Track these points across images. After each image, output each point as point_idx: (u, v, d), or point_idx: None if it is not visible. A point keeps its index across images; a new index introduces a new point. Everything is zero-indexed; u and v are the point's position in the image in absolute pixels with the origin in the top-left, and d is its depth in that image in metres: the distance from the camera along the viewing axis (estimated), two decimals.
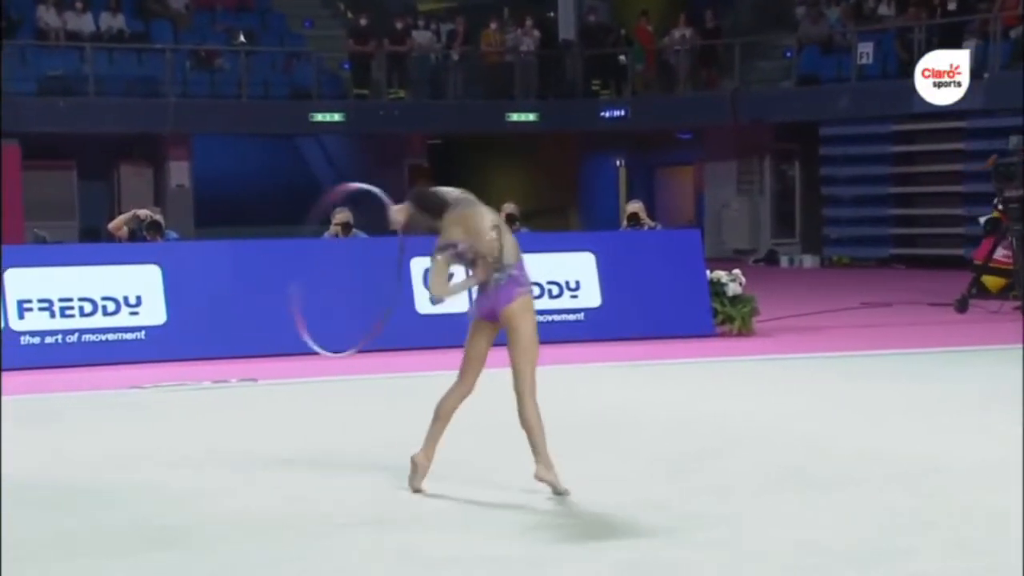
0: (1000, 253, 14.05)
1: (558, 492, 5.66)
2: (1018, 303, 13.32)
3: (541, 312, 11.45)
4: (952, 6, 20.63)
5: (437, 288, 5.75)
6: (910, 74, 20.49)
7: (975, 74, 19.96)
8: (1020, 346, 10.91)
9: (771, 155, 24.20)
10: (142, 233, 11.63)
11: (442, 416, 5.86)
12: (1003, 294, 13.84)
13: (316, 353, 6.05)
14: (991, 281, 14.20)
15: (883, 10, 22.16)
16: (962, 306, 13.56)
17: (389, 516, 5.50)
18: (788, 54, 23.50)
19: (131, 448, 7.05)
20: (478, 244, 5.66)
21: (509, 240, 5.73)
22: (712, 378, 9.63)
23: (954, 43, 20.59)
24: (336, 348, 10.63)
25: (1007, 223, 13.74)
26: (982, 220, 15.64)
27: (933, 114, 20.44)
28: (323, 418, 8.08)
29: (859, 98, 21.08)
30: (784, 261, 22.86)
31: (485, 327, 5.78)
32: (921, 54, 20.39)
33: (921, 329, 12.45)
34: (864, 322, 13.02)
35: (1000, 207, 13.86)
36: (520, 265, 5.75)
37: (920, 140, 21.17)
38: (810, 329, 12.36)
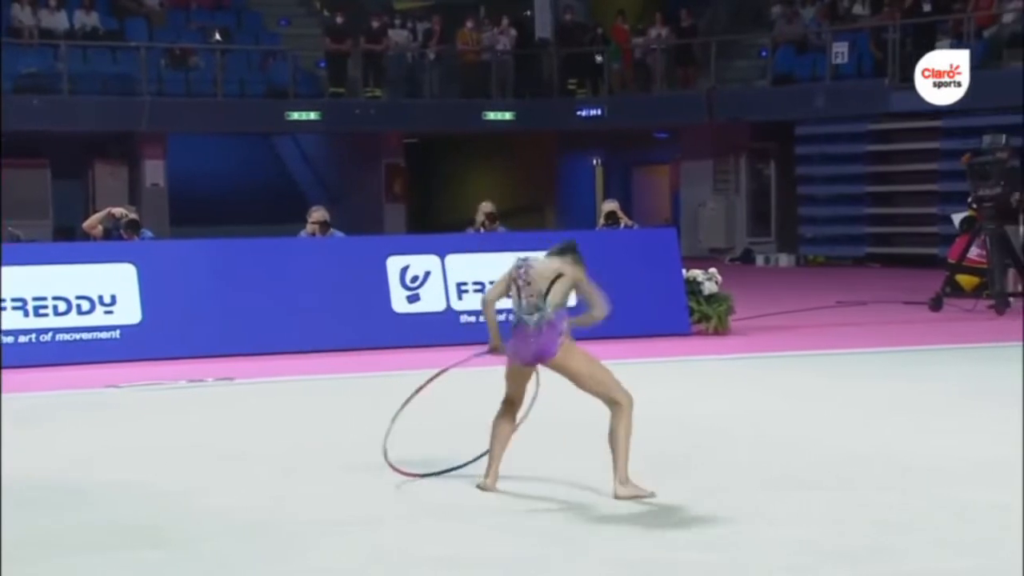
0: (974, 252, 14.13)
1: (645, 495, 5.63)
2: (991, 301, 13.40)
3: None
4: (927, 7, 20.74)
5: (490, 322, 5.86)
6: (884, 73, 20.78)
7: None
8: (996, 344, 10.99)
9: (747, 154, 24.27)
10: (117, 232, 11.57)
11: (499, 438, 5.86)
12: (977, 292, 13.92)
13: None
14: (965, 280, 14.28)
15: (858, 10, 22.26)
16: (936, 305, 13.63)
17: (373, 515, 5.49)
18: (763, 53, 23.58)
19: (109, 447, 7.01)
20: (537, 280, 5.74)
21: (560, 290, 5.78)
22: (690, 377, 9.65)
23: (928, 43, 20.73)
24: (313, 345, 10.65)
25: (981, 222, 13.83)
26: (955, 218, 15.73)
27: (908, 113, 20.55)
28: (302, 417, 8.05)
29: (834, 97, 21.17)
30: (760, 260, 22.93)
31: (525, 370, 5.83)
32: (895, 54, 20.64)
33: (896, 328, 12.51)
34: (839, 321, 13.07)
35: (975, 206, 13.94)
36: (561, 314, 5.77)
37: (895, 139, 21.28)
38: (786, 328, 12.40)
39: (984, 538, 4.98)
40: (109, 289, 10.44)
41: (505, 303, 5.91)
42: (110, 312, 10.42)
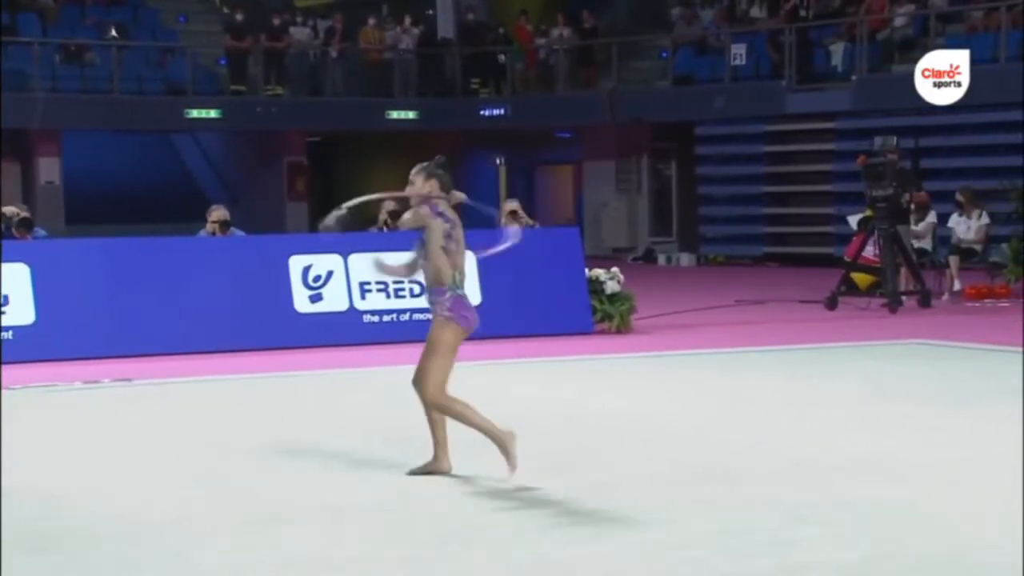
0: (869, 251, 14.44)
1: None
2: (885, 300, 13.71)
3: (421, 310, 11.50)
4: (802, 12, 21.20)
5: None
6: (782, 75, 21.15)
7: (843, 76, 20.59)
8: (889, 342, 11.26)
9: (648, 154, 24.51)
10: (11, 231, 11.33)
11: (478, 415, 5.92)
12: (871, 291, 14.22)
13: None
14: (860, 278, 14.58)
15: (755, 12, 22.62)
16: (832, 303, 13.91)
17: (275, 515, 5.44)
18: (664, 55, 23.84)
19: (3, 451, 6.84)
20: (458, 256, 6.01)
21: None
22: (592, 375, 9.72)
23: (817, 45, 21.18)
24: (214, 346, 10.52)
25: (875, 221, 14.13)
26: (851, 219, 16.07)
27: (804, 115, 20.97)
28: (201, 418, 7.95)
29: (733, 98, 21.48)
30: (662, 259, 23.19)
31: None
32: (791, 56, 21.02)
33: (793, 326, 12.73)
34: (739, 319, 13.27)
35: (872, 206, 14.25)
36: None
37: (792, 140, 21.66)
38: (687, 326, 12.56)
39: (870, 531, 5.09)
40: (2, 289, 10.20)
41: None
42: (2, 313, 10.18)
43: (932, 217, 15.51)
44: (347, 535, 5.15)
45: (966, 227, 15.31)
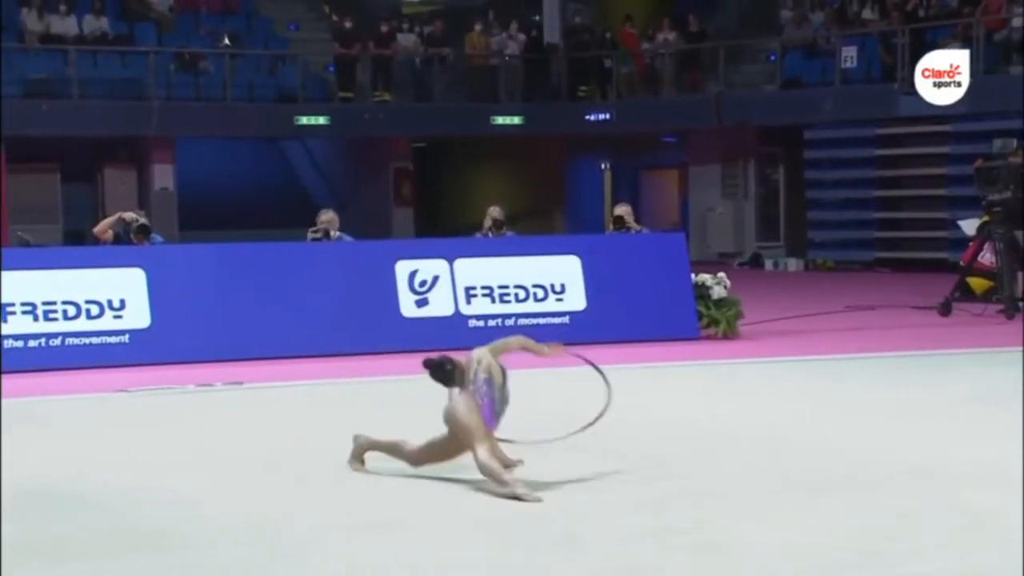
0: (986, 257, 14.11)
1: None
2: (1001, 306, 13.37)
3: (526, 315, 11.54)
4: (921, 12, 20.76)
5: None
6: (894, 78, 20.77)
7: None
8: (1004, 349, 10.97)
9: (755, 158, 24.26)
10: (128, 236, 11.60)
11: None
12: (987, 296, 13.89)
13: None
14: (977, 283, 14.26)
15: (867, 14, 22.25)
16: (945, 309, 13.61)
17: (380, 520, 5.49)
18: (772, 57, 23.57)
19: (118, 452, 7.03)
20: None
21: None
22: (698, 381, 9.64)
23: (935, 47, 20.70)
24: (322, 349, 10.65)
25: (991, 226, 13.80)
26: (962, 224, 15.71)
27: (917, 118, 20.54)
28: (310, 422, 8.06)
29: (843, 101, 21.16)
30: (769, 264, 22.91)
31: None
32: (904, 58, 20.61)
33: (905, 332, 12.49)
34: (848, 325, 13.06)
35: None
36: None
37: (904, 143, 21.25)
38: (795, 332, 12.39)
39: (986, 541, 4.97)
40: (118, 293, 10.46)
41: None
42: (119, 316, 10.44)
43: None
44: (456, 541, 5.17)
45: None
